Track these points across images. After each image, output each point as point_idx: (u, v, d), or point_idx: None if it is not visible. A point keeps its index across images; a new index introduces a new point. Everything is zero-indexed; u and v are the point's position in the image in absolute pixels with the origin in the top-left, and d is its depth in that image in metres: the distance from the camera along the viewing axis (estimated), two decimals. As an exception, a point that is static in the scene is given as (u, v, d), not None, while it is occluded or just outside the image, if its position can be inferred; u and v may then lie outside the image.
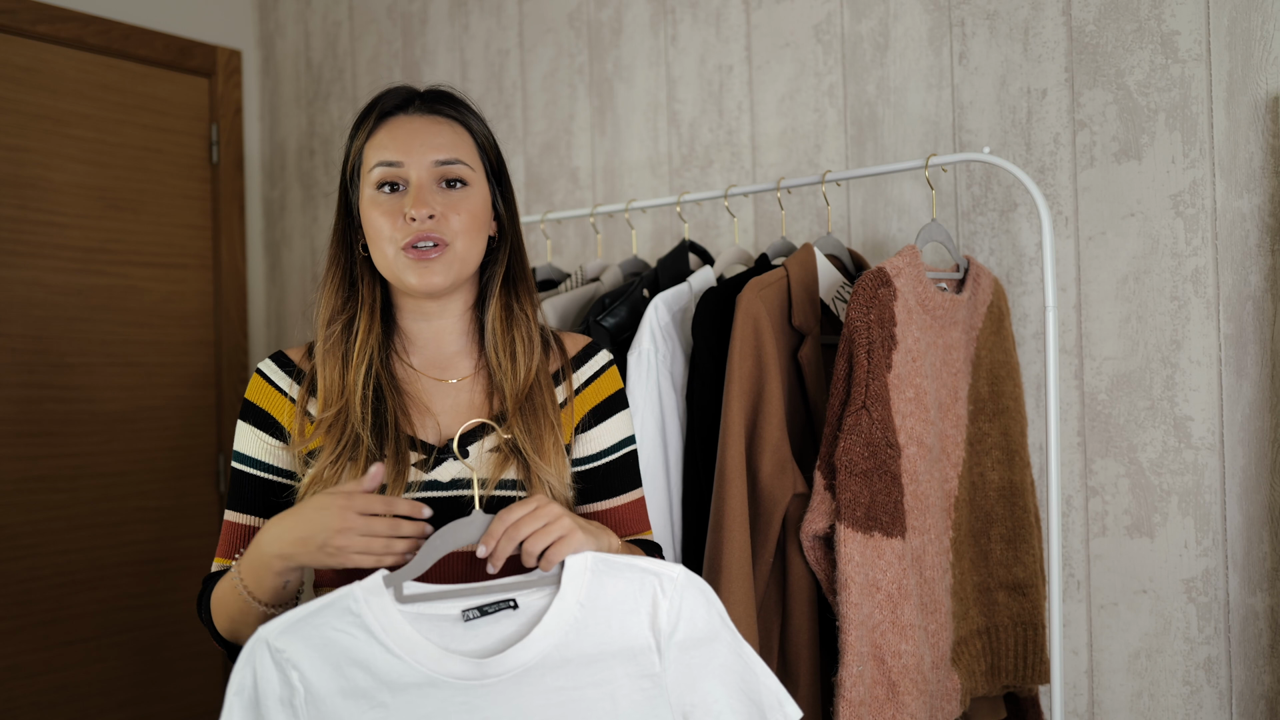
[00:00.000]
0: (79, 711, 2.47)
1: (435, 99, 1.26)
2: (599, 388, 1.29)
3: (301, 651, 0.99)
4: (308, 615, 1.00)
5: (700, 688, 1.07)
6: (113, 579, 2.55)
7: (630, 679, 1.05)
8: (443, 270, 1.19)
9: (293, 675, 0.98)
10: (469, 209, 1.21)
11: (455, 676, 1.01)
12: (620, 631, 1.05)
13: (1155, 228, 1.65)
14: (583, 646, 1.04)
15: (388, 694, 0.99)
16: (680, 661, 1.07)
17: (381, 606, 1.01)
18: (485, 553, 1.06)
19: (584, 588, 1.06)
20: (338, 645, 1.00)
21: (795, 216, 2.02)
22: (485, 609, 1.05)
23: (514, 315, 1.27)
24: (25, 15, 2.44)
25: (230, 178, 2.85)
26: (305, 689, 0.98)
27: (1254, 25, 1.56)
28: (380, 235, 1.19)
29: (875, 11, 1.92)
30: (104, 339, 2.57)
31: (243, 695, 0.98)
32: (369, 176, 1.21)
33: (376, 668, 1.00)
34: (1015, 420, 1.64)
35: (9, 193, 2.41)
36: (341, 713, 0.98)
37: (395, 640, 1.01)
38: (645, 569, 1.08)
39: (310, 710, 0.98)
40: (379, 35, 2.70)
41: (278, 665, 0.98)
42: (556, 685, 1.03)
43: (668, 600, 1.07)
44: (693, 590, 1.08)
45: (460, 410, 1.24)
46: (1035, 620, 1.61)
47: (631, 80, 2.25)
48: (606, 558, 1.08)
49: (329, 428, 1.19)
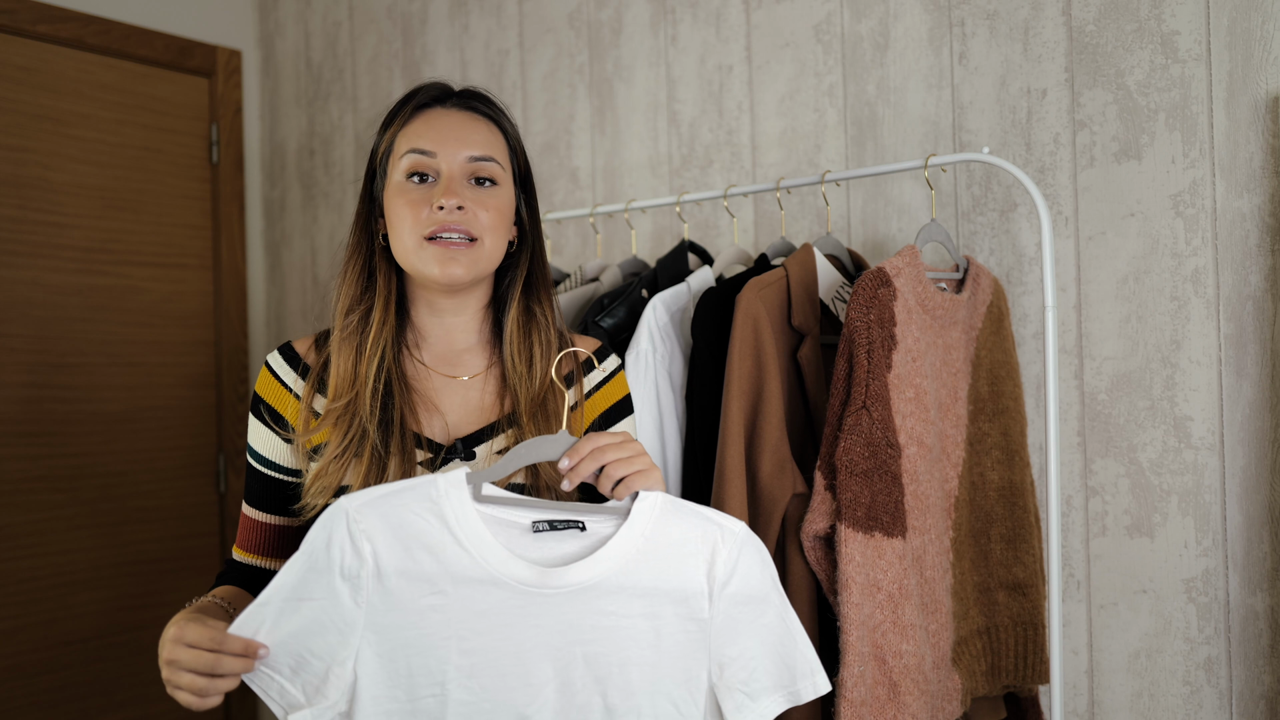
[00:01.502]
0: (79, 711, 2.47)
1: (473, 97, 1.26)
2: (609, 392, 1.30)
3: (377, 526, 1.01)
4: (390, 494, 1.03)
5: (740, 642, 1.09)
6: (113, 579, 2.55)
7: (678, 619, 1.07)
8: (467, 264, 1.19)
9: (365, 547, 1.00)
10: (497, 207, 1.21)
11: (517, 580, 1.03)
12: (677, 572, 1.08)
13: (1155, 228, 1.65)
14: (640, 578, 1.06)
15: (449, 583, 1.01)
16: (727, 613, 1.09)
17: (460, 499, 1.04)
18: (568, 466, 1.07)
19: (651, 523, 1.08)
20: (413, 527, 1.02)
21: (795, 216, 2.02)
22: (555, 524, 1.07)
23: (534, 320, 1.27)
24: (25, 15, 2.44)
25: (230, 178, 2.85)
26: (375, 563, 1.00)
27: (1254, 25, 1.56)
28: (403, 224, 1.19)
29: (875, 11, 1.92)
30: (104, 339, 2.57)
31: (312, 556, 0.99)
32: (399, 164, 1.21)
33: (444, 556, 1.02)
34: (1015, 420, 1.64)
35: (9, 193, 2.41)
36: (403, 592, 1.00)
37: (467, 534, 1.03)
38: (710, 518, 1.10)
39: (374, 583, 1.00)
40: (379, 35, 2.70)
41: (352, 536, 1.00)
42: (609, 609, 1.05)
43: (726, 551, 1.09)
44: (751, 547, 1.11)
45: (469, 409, 1.24)
46: (1035, 620, 1.61)
47: (631, 80, 2.25)
48: (675, 500, 1.10)
49: (337, 419, 1.18)
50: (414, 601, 1.01)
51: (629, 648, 1.06)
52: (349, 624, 0.99)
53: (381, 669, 1.00)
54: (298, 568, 0.99)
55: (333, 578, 0.99)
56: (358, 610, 1.00)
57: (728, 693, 1.09)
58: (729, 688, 1.09)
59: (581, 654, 1.04)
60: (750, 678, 1.10)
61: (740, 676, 1.09)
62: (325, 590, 0.99)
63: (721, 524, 1.10)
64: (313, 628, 0.98)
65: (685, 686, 1.08)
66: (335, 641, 0.99)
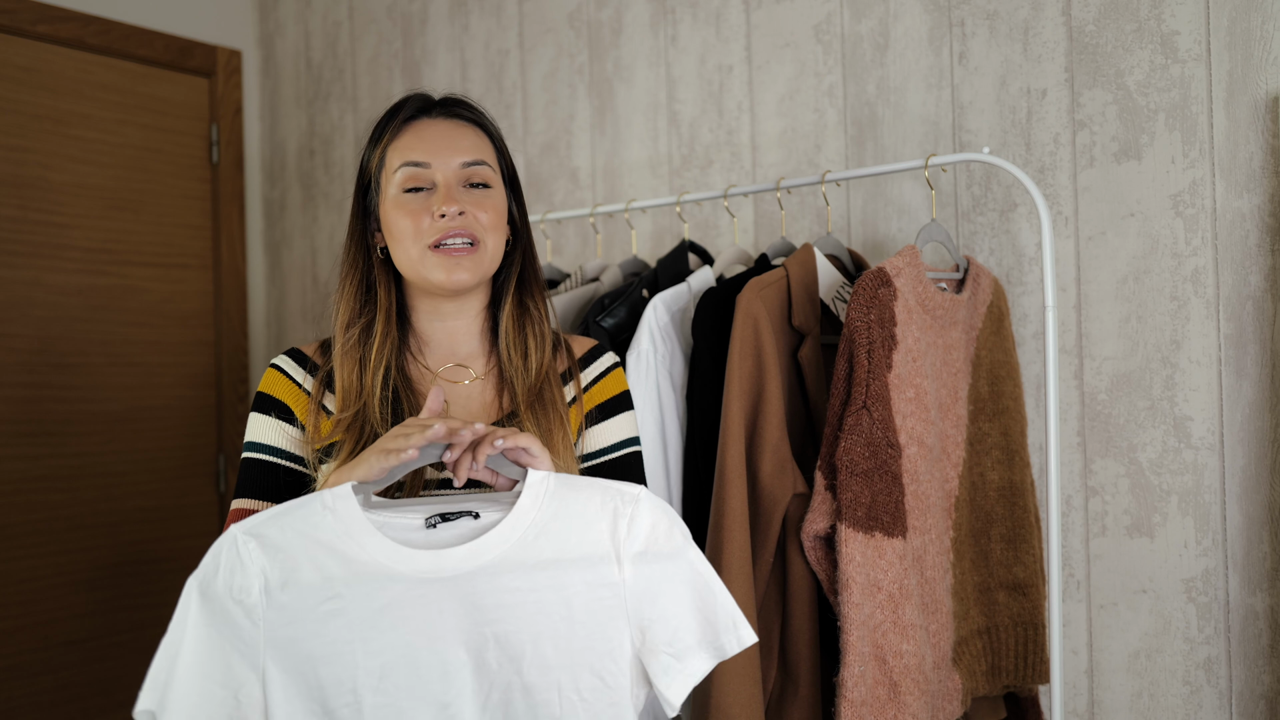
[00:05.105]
0: (79, 711, 2.47)
1: (455, 104, 1.29)
2: (604, 387, 1.31)
3: (266, 545, 1.02)
4: (279, 514, 1.04)
5: (660, 603, 1.08)
6: (113, 579, 2.55)
7: (589, 587, 1.06)
8: (471, 267, 1.21)
9: (253, 566, 1.01)
10: (494, 207, 1.24)
11: (413, 569, 1.03)
12: (579, 540, 1.07)
13: (1155, 228, 1.65)
14: (540, 552, 1.06)
15: (344, 585, 1.02)
16: (641, 574, 1.07)
17: (349, 508, 1.04)
18: (451, 459, 1.07)
19: (543, 496, 1.07)
20: (303, 541, 1.03)
21: (795, 216, 2.02)
22: (447, 516, 1.07)
23: (528, 313, 1.30)
24: (25, 15, 2.44)
25: (230, 178, 2.86)
26: (265, 579, 1.01)
27: (1254, 25, 1.56)
28: (405, 235, 1.21)
29: (875, 11, 1.92)
30: (104, 339, 2.57)
31: (203, 584, 1.01)
32: (393, 178, 1.23)
33: (337, 561, 1.02)
34: (1015, 420, 1.64)
35: (9, 193, 2.41)
36: (299, 604, 1.01)
37: (357, 536, 1.03)
38: (606, 486, 1.10)
39: (266, 600, 1.01)
40: (379, 35, 2.70)
41: (241, 558, 1.01)
42: (512, 586, 1.04)
43: (629, 513, 1.08)
44: (653, 505, 1.09)
45: (473, 408, 1.27)
46: (1035, 620, 1.61)
47: (631, 80, 2.25)
48: (567, 476, 1.10)
49: (348, 427, 1.21)
50: (311, 611, 1.01)
51: (539, 622, 1.05)
52: (250, 644, 1.00)
53: (291, 684, 1.00)
54: (193, 601, 1.00)
55: (226, 602, 1.00)
56: (256, 630, 1.00)
57: (653, 655, 1.07)
58: (653, 650, 1.07)
59: (492, 634, 1.04)
60: (674, 637, 1.08)
61: (664, 637, 1.07)
62: (222, 617, 1.00)
63: (621, 489, 1.09)
64: (218, 655, 0.99)
65: (609, 656, 1.06)
66: (241, 665, 1.00)
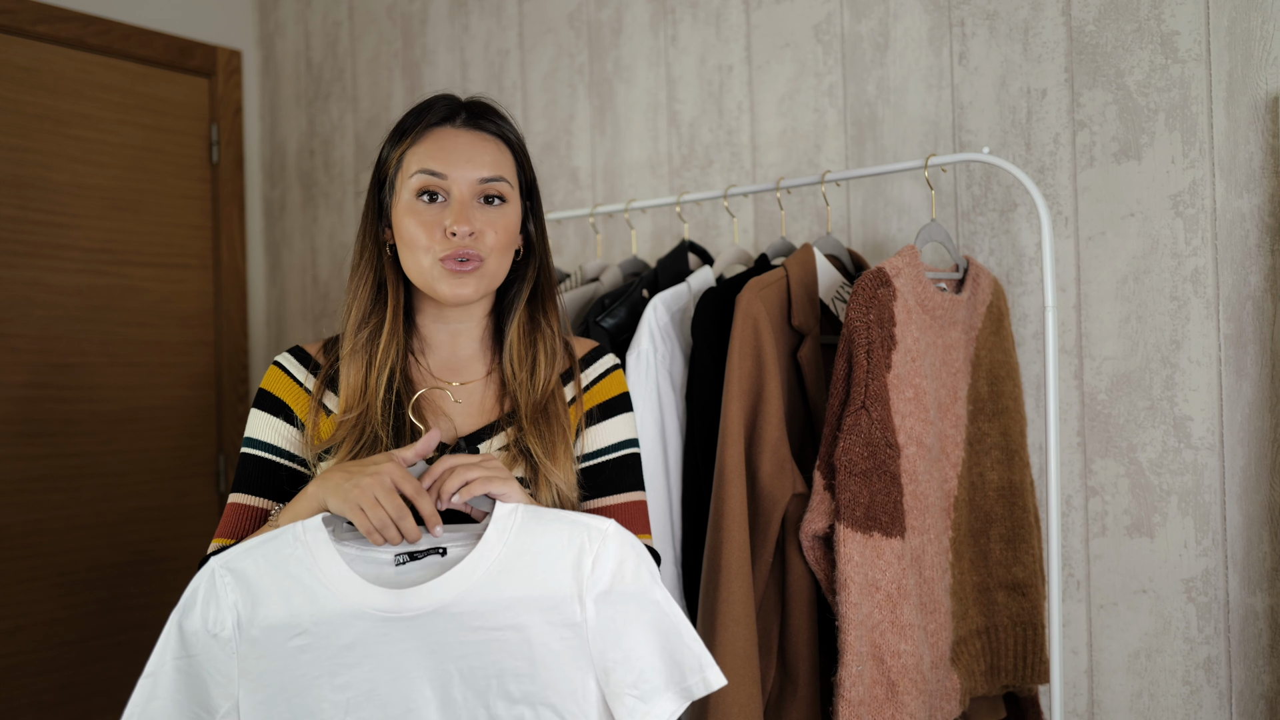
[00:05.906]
0: (79, 711, 2.47)
1: (481, 114, 1.28)
2: (604, 388, 1.32)
3: (241, 578, 1.04)
4: (256, 545, 1.06)
5: (624, 644, 1.06)
6: (113, 579, 2.55)
7: (550, 626, 1.05)
8: (475, 283, 1.22)
9: (226, 600, 1.04)
10: (504, 226, 1.24)
11: (375, 608, 1.04)
12: (543, 579, 1.06)
13: (1155, 228, 1.65)
14: (501, 590, 1.05)
15: (311, 623, 1.04)
16: (604, 614, 1.06)
17: (319, 540, 1.06)
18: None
19: (509, 531, 1.07)
20: (276, 574, 1.05)
21: (795, 216, 2.02)
22: (415, 554, 1.08)
23: (540, 330, 1.30)
24: (25, 15, 2.44)
25: (230, 178, 2.86)
26: (238, 613, 1.04)
27: (1254, 25, 1.56)
28: (416, 244, 1.22)
29: (875, 11, 1.92)
30: (104, 339, 2.57)
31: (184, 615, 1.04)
32: (409, 182, 1.23)
33: (305, 597, 1.04)
34: (1015, 420, 1.64)
35: (10, 193, 2.42)
36: (269, 639, 1.04)
37: (324, 571, 1.05)
38: (575, 521, 1.08)
39: (239, 634, 1.04)
40: (379, 35, 2.70)
41: (216, 591, 1.04)
42: (475, 624, 1.05)
43: (594, 551, 1.07)
44: (623, 544, 1.08)
45: (471, 411, 1.27)
46: (1035, 620, 1.61)
47: (631, 80, 2.25)
48: (535, 509, 1.10)
49: (350, 429, 1.22)
50: (281, 646, 1.03)
51: (503, 659, 1.05)
52: (226, 675, 1.03)
53: (263, 715, 1.03)
54: (173, 632, 1.03)
55: (202, 635, 1.03)
56: (230, 661, 1.03)
57: (617, 698, 1.06)
58: (617, 693, 1.06)
59: (456, 670, 1.04)
60: (639, 679, 1.06)
61: (628, 679, 1.06)
62: (201, 646, 1.03)
63: (589, 524, 1.08)
64: (195, 683, 1.03)
65: (571, 697, 1.05)
66: (217, 694, 1.03)
